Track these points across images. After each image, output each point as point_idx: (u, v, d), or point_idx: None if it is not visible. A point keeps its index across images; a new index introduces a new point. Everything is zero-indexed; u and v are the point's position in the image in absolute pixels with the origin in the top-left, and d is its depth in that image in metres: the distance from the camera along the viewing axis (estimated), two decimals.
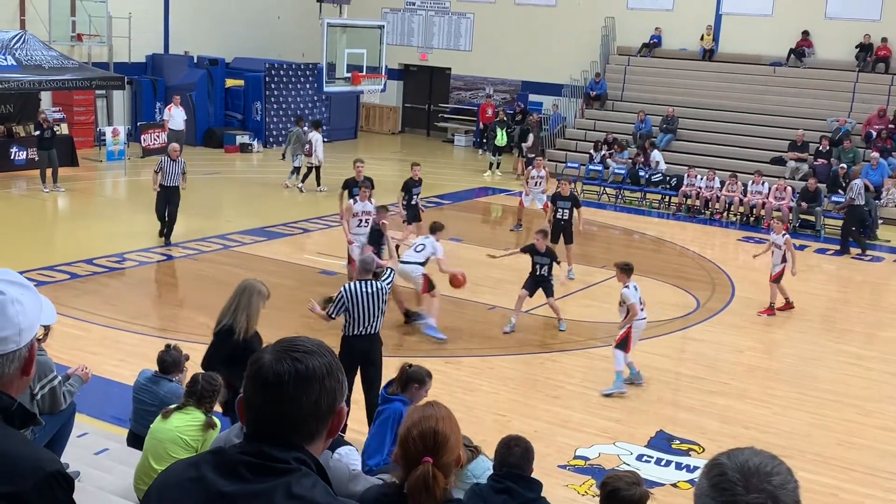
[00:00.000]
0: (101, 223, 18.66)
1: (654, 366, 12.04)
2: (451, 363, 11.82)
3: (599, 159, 24.97)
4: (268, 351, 2.13)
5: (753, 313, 14.64)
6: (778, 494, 1.82)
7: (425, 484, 3.08)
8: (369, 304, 9.14)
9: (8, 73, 21.29)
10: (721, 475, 1.86)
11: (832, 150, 23.43)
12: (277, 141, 29.14)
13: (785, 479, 1.85)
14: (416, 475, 3.10)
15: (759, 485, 1.82)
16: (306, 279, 15.16)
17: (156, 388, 7.53)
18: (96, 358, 11.11)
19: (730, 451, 1.92)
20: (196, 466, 2.10)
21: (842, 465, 9.58)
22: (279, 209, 20.17)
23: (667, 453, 9.58)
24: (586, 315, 14.12)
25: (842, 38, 26.17)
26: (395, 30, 32.95)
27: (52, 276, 14.31)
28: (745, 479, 1.83)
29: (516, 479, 4.73)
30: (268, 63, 29.16)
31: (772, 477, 1.84)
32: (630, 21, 29.23)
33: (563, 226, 16.20)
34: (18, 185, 21.67)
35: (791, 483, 1.85)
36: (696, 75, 27.74)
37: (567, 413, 10.46)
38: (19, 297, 2.21)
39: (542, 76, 30.40)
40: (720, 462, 1.89)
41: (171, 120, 24.14)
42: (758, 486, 1.82)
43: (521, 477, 4.77)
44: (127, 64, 27.24)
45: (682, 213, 22.64)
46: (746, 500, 1.81)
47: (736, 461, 1.87)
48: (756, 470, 1.84)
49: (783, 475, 1.85)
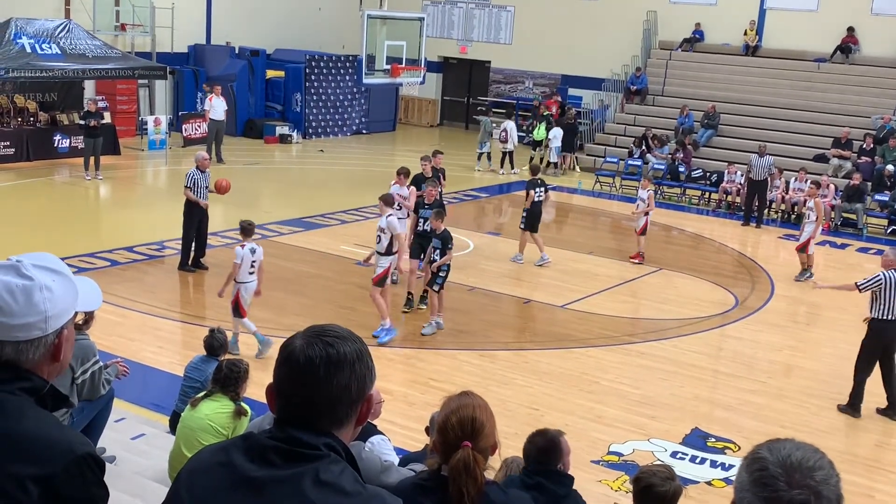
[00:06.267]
0: (142, 211, 18.85)
1: (690, 363, 11.96)
2: (485, 356, 11.81)
3: (639, 155, 24.82)
4: (298, 336, 2.14)
5: (793, 312, 14.48)
6: (821, 490, 1.78)
7: (466, 467, 3.13)
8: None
9: (52, 62, 21.56)
10: (762, 469, 1.81)
11: (876, 148, 23.09)
12: (317, 132, 29.31)
13: (828, 474, 1.81)
14: (457, 458, 3.15)
15: (802, 480, 1.78)
16: (342, 270, 15.21)
17: (204, 366, 7.73)
18: (134, 344, 11.26)
19: (770, 444, 1.87)
20: (225, 451, 2.11)
21: (878, 465, 9.47)
22: (317, 200, 20.26)
23: (702, 451, 9.50)
24: (623, 311, 14.04)
25: (888, 34, 25.77)
26: (435, 22, 32.94)
27: (92, 263, 14.48)
28: (787, 475, 1.79)
29: (547, 474, 4.70)
30: (308, 55, 29.29)
31: (815, 472, 1.80)
32: (672, 15, 28.99)
33: (533, 212, 16.07)
34: (61, 172, 21.95)
35: (834, 477, 1.81)
36: (738, 70, 27.45)
37: (601, 408, 10.41)
38: (50, 283, 2.18)
39: (582, 70, 30.25)
40: (761, 456, 1.84)
41: (211, 110, 24.33)
42: (801, 482, 1.78)
43: (551, 472, 4.74)
44: (169, 54, 27.48)
45: (723, 209, 22.43)
46: (790, 496, 1.77)
47: (778, 455, 1.82)
48: (799, 465, 1.80)
49: (826, 469, 1.81)
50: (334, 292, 14.16)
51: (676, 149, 24.38)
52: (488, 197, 22.23)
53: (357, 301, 13.31)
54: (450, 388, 8.07)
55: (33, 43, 21.54)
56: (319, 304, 13.49)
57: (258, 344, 11.08)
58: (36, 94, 23.68)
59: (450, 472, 3.17)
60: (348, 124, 30.48)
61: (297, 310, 12.95)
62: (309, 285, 14.36)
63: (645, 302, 14.74)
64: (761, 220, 20.81)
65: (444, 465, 3.20)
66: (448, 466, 3.18)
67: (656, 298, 14.95)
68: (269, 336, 11.09)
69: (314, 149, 27.46)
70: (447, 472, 3.18)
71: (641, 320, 13.72)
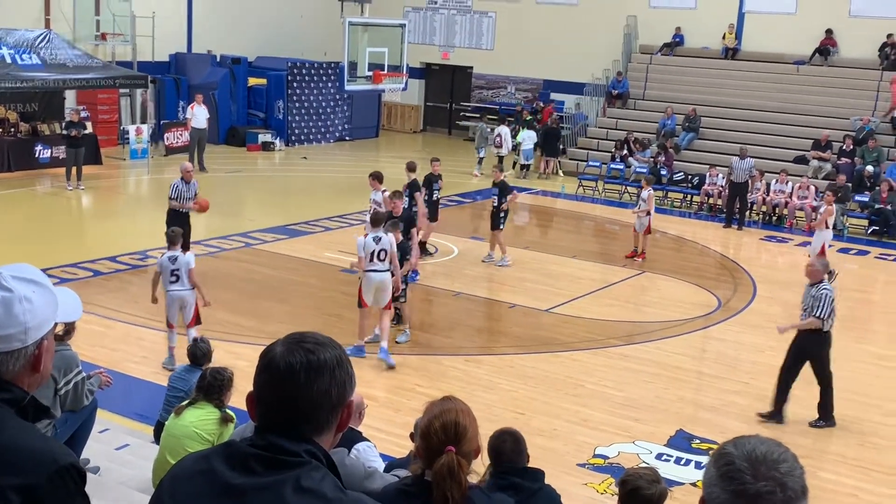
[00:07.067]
0: (125, 221, 18.80)
1: (674, 365, 12.01)
2: (471, 361, 11.83)
3: (620, 158, 24.91)
4: (279, 343, 2.15)
5: (775, 313, 14.56)
6: (786, 481, 1.84)
7: (451, 472, 3.14)
8: None
9: (33, 72, 21.47)
10: (729, 464, 1.88)
11: (856, 149, 23.26)
12: (299, 139, 29.28)
13: (792, 466, 1.87)
14: (441, 463, 3.16)
15: (767, 472, 1.84)
16: (327, 277, 15.21)
17: (188, 376, 7.71)
18: (118, 355, 11.23)
19: (736, 440, 1.94)
20: (207, 459, 2.12)
21: (863, 465, 9.52)
22: (301, 207, 20.25)
23: (687, 452, 9.55)
24: (607, 314, 14.09)
25: (866, 36, 25.95)
26: (417, 28, 32.98)
27: (75, 273, 14.43)
28: (753, 468, 1.85)
29: (519, 472, 4.73)
30: (290, 62, 29.27)
31: (779, 464, 1.86)
32: (652, 19, 29.12)
33: (492, 212, 16.45)
34: (43, 182, 21.86)
35: (798, 469, 1.87)
36: (718, 74, 27.59)
37: (586, 412, 10.44)
38: (29, 294, 2.18)
39: (564, 75, 30.33)
40: (727, 451, 1.91)
41: (193, 118, 24.28)
42: (766, 474, 1.84)
43: (522, 469, 4.77)
44: (150, 63, 27.41)
45: (704, 212, 22.54)
46: (756, 488, 1.83)
47: (743, 449, 1.89)
48: (763, 458, 1.86)
49: (790, 462, 1.87)
50: (319, 300, 14.16)
51: (658, 152, 24.49)
52: (472, 202, 22.25)
53: (343, 308, 13.30)
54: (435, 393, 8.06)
55: (13, 53, 21.46)
56: (304, 311, 13.48)
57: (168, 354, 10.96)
58: (16, 105, 23.57)
59: (434, 477, 3.18)
60: (331, 131, 30.47)
61: (282, 317, 12.94)
62: (293, 293, 14.35)
63: (629, 305, 14.80)
64: (743, 222, 20.92)
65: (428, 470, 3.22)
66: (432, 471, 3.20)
67: (640, 301, 15.02)
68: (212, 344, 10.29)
69: (297, 156, 27.44)
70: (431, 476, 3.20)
71: (625, 323, 13.76)
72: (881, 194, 20.75)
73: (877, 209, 20.67)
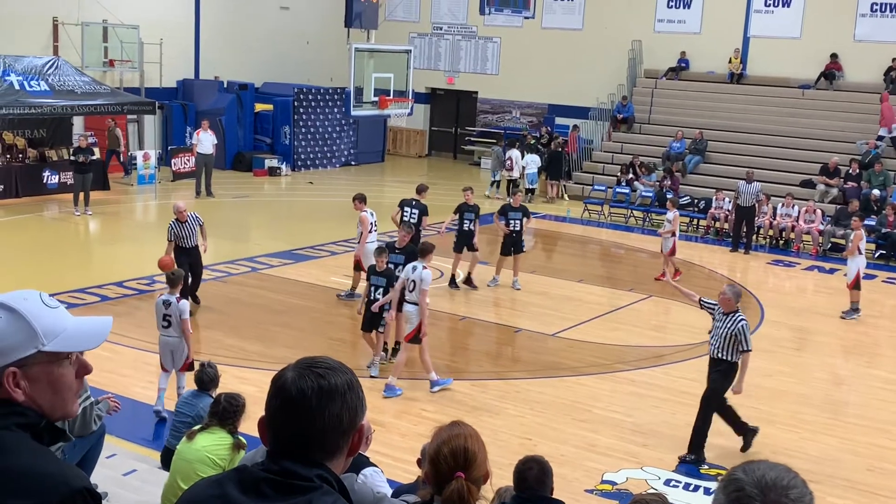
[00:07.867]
0: (132, 246, 18.84)
1: (682, 390, 11.96)
2: (476, 386, 11.80)
3: (626, 182, 24.95)
4: (290, 369, 2.16)
5: (783, 337, 14.53)
6: None
7: (461, 498, 3.14)
8: None
9: (41, 99, 21.60)
10: (739, 490, 1.87)
11: (862, 173, 23.26)
12: (306, 164, 29.38)
13: (802, 492, 1.86)
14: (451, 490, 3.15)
15: (777, 499, 1.84)
16: (332, 302, 15.21)
17: (195, 401, 7.70)
18: (126, 380, 11.23)
19: (745, 465, 1.93)
20: (219, 484, 2.13)
21: (871, 490, 9.47)
22: (307, 232, 20.29)
23: (695, 478, 9.51)
24: (614, 339, 14.06)
25: (871, 60, 26.04)
26: (423, 54, 33.15)
27: (83, 299, 14.46)
28: (763, 494, 1.85)
29: (538, 500, 4.72)
30: (296, 88, 29.42)
31: (789, 490, 1.85)
32: (657, 44, 29.24)
33: (514, 238, 16.39)
34: (50, 208, 21.95)
35: (808, 496, 1.87)
36: (724, 98, 27.67)
37: (594, 437, 10.40)
38: None
39: (569, 99, 30.44)
40: (737, 477, 1.90)
41: (199, 144, 24.39)
42: (776, 500, 1.84)
43: (542, 498, 4.76)
44: (158, 89, 27.57)
45: (711, 236, 22.53)
46: None
47: (753, 476, 1.88)
48: (773, 484, 1.86)
49: (800, 488, 1.87)
50: (324, 324, 14.16)
51: (664, 176, 24.52)
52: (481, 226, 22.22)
53: (348, 332, 13.31)
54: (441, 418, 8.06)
55: (21, 80, 21.59)
56: (310, 336, 13.49)
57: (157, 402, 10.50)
58: (25, 131, 23.70)
59: None
60: (337, 156, 30.58)
61: (288, 342, 12.94)
62: (299, 317, 14.36)
63: (636, 329, 14.77)
64: (749, 247, 20.90)
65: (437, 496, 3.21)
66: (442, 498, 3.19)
67: (647, 325, 14.99)
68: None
69: (303, 181, 27.53)
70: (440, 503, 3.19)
71: (633, 348, 13.74)
72: (888, 218, 20.73)
73: (884, 233, 20.65)
